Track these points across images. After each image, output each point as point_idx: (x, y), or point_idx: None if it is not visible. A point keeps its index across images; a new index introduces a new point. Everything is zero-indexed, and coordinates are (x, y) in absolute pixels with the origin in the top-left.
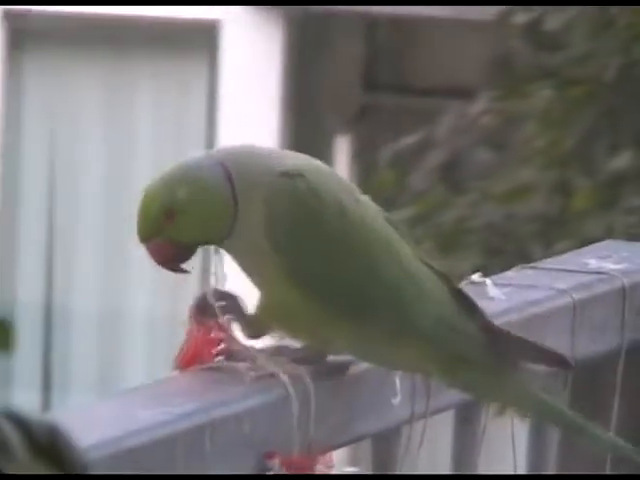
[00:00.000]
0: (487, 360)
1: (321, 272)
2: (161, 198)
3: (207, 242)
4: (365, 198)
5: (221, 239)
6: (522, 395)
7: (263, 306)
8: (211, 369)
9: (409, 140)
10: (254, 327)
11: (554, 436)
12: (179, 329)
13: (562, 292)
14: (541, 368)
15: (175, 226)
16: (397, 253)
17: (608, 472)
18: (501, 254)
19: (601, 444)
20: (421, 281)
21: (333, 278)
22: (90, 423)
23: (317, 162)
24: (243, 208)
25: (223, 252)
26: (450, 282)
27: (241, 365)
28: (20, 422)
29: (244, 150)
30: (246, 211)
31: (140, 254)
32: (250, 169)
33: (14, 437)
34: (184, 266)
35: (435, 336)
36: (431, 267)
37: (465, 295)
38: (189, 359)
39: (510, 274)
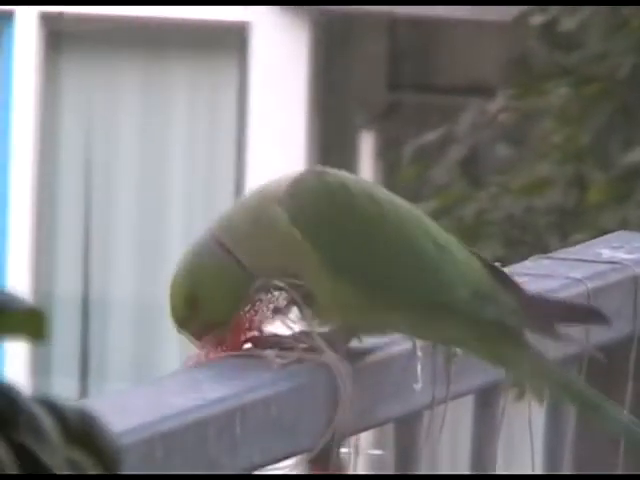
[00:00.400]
0: (524, 326)
1: (362, 258)
2: (179, 291)
3: (237, 305)
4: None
5: (249, 295)
6: (547, 370)
7: (317, 303)
8: (240, 356)
9: (431, 136)
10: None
11: (570, 420)
12: None
13: (577, 281)
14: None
15: (202, 310)
16: (428, 228)
17: (621, 456)
18: (520, 245)
19: (617, 426)
20: (454, 252)
21: (374, 261)
22: (124, 409)
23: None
24: (254, 258)
25: None
26: (481, 257)
27: (268, 352)
28: (54, 408)
29: (238, 208)
30: (261, 252)
31: (173, 250)
32: (246, 217)
33: (48, 422)
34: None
35: (472, 306)
36: (459, 243)
37: (496, 267)
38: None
39: (528, 264)
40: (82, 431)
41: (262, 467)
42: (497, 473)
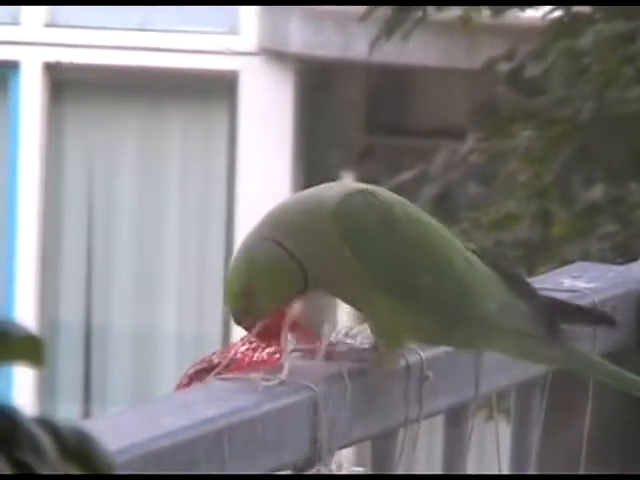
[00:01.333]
0: (539, 331)
1: (404, 276)
2: (235, 283)
3: (291, 298)
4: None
5: (301, 290)
6: (571, 356)
7: (376, 327)
8: (227, 380)
9: (407, 176)
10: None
11: (534, 437)
12: (204, 344)
13: None
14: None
15: (257, 301)
16: (459, 248)
17: (582, 465)
18: None
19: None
20: (480, 269)
21: (409, 274)
22: (119, 429)
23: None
24: (307, 257)
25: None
26: (491, 261)
27: (253, 375)
28: (52, 428)
29: (289, 210)
30: (312, 255)
31: (168, 282)
32: (300, 220)
33: (46, 440)
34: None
35: (497, 316)
36: (480, 256)
37: (514, 273)
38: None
39: (510, 267)
40: (78, 449)
41: None
42: (493, 473)
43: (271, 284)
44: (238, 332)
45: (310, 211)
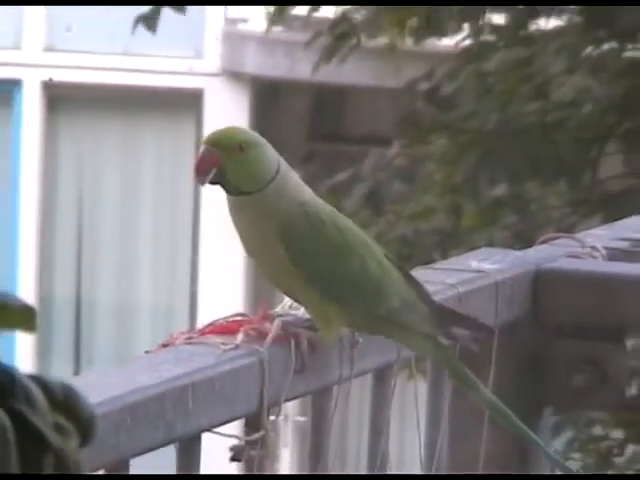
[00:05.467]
0: (433, 331)
1: (326, 272)
2: (246, 135)
3: (243, 189)
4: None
5: (258, 188)
6: (450, 360)
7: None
8: (195, 343)
9: (342, 176)
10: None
11: (447, 394)
12: (174, 315)
13: (450, 286)
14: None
15: (238, 158)
16: (374, 252)
17: (485, 418)
18: (410, 260)
19: (485, 399)
20: (390, 272)
21: (335, 275)
22: (100, 385)
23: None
24: (275, 185)
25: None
26: (401, 267)
27: (214, 340)
28: (42, 383)
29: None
30: (276, 192)
31: (144, 264)
32: (290, 177)
33: (38, 393)
34: (203, 180)
35: (400, 314)
36: (390, 259)
37: (412, 277)
38: (211, 331)
39: (412, 273)
40: (64, 401)
41: (208, 430)
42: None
43: (257, 159)
44: (203, 305)
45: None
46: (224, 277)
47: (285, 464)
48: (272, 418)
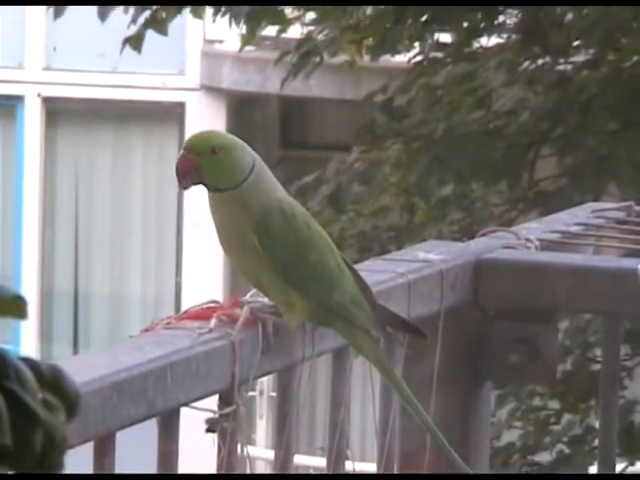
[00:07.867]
0: (373, 328)
1: (292, 261)
2: (219, 139)
3: (219, 186)
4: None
5: (233, 185)
6: (379, 356)
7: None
8: (173, 328)
9: (309, 179)
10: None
11: (398, 370)
12: (161, 304)
13: (401, 274)
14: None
15: (212, 160)
16: (332, 250)
17: (433, 390)
18: (369, 252)
19: (405, 397)
20: (344, 271)
21: (299, 264)
22: (89, 366)
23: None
24: (249, 185)
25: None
26: (352, 268)
27: (190, 325)
28: (33, 364)
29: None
30: (250, 191)
31: (135, 259)
32: (265, 175)
33: (28, 374)
34: (184, 182)
35: (349, 309)
36: (345, 261)
37: (361, 278)
38: (189, 317)
39: (367, 263)
40: (52, 380)
41: (185, 405)
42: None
43: (231, 161)
44: (187, 295)
45: (268, 184)
46: (205, 270)
47: (261, 434)
48: (248, 394)
